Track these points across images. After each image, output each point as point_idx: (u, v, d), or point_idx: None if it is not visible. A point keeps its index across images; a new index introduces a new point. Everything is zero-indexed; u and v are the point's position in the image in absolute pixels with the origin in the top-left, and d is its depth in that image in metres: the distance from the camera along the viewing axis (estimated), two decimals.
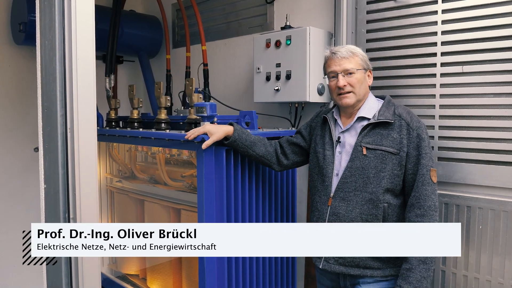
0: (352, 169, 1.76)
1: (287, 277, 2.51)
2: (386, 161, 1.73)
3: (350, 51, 1.81)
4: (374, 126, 1.77)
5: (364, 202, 1.74)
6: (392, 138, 1.74)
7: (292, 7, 2.79)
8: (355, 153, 1.77)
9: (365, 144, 1.75)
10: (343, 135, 1.85)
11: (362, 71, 1.81)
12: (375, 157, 1.73)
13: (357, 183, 1.75)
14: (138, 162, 3.04)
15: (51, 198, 1.49)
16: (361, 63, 1.81)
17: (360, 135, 1.78)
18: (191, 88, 2.35)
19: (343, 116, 1.90)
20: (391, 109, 1.79)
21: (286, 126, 2.78)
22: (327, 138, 1.89)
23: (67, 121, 1.45)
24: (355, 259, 1.75)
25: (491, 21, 2.01)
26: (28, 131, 3.18)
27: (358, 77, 1.80)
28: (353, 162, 1.76)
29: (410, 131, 1.73)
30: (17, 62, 3.17)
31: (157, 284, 2.84)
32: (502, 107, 2.01)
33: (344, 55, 1.80)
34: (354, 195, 1.75)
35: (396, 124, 1.75)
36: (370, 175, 1.73)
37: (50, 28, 1.43)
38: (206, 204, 2.08)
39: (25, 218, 3.20)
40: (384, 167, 1.73)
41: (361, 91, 1.82)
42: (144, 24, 3.62)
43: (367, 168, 1.74)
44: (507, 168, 2.00)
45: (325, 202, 1.83)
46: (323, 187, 1.85)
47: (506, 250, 1.99)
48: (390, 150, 1.72)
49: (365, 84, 1.83)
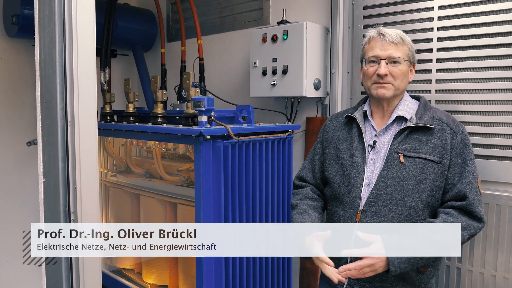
0: (387, 179, 1.52)
1: (283, 270, 2.53)
2: (427, 170, 1.51)
3: (400, 36, 1.59)
4: (412, 131, 1.55)
5: (401, 219, 1.50)
6: (432, 145, 1.52)
7: (289, 2, 2.79)
8: (390, 160, 1.53)
9: (401, 151, 1.53)
10: (378, 138, 1.60)
11: (408, 63, 1.59)
12: (414, 166, 1.51)
13: (393, 196, 1.51)
14: (133, 156, 3.03)
15: (51, 192, 1.48)
16: (409, 54, 1.59)
17: (396, 140, 1.55)
18: (188, 82, 2.34)
19: (375, 115, 1.67)
20: (429, 112, 1.59)
21: (282, 121, 2.79)
22: (355, 142, 1.63)
23: (68, 114, 1.44)
24: (383, 285, 1.53)
25: (487, 18, 2.03)
26: (22, 125, 3.15)
27: (403, 69, 1.57)
28: (389, 172, 1.52)
29: (453, 136, 1.53)
30: (9, 55, 3.12)
31: (153, 279, 2.84)
32: (497, 103, 2.04)
33: (394, 40, 1.57)
34: (390, 209, 1.51)
35: (437, 129, 1.54)
36: (409, 187, 1.50)
37: (49, 20, 1.41)
38: (204, 198, 2.08)
39: (20, 213, 3.18)
40: (424, 178, 1.50)
41: (402, 85, 1.60)
42: (139, 17, 3.59)
43: (405, 178, 1.50)
44: (502, 163, 2.04)
45: (351, 217, 1.56)
46: (349, 199, 1.58)
47: (498, 244, 2.03)
48: (431, 158, 1.51)
49: (407, 79, 1.62)
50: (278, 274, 2.50)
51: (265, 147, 2.35)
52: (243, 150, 2.21)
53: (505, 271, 2.02)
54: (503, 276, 2.03)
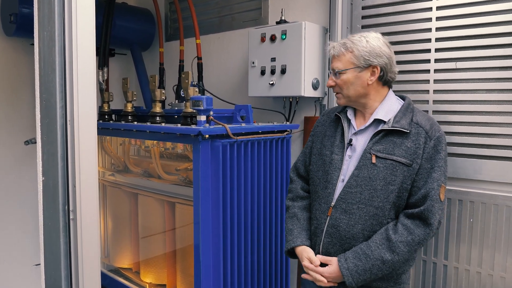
0: (358, 178, 1.59)
1: (281, 269, 2.54)
2: (396, 172, 1.55)
3: (344, 46, 1.63)
4: (388, 133, 1.60)
5: (368, 217, 1.58)
6: (406, 148, 1.56)
7: (287, 1, 2.79)
8: (363, 160, 1.59)
9: (375, 151, 1.58)
10: (355, 137, 1.67)
11: (355, 70, 1.61)
12: (385, 167, 1.56)
13: (362, 194, 1.58)
14: (131, 155, 3.03)
15: (50, 191, 1.48)
16: (355, 61, 1.61)
17: (371, 141, 1.61)
18: (187, 82, 2.34)
19: (358, 117, 1.72)
20: (408, 116, 1.61)
21: (281, 121, 2.80)
22: (337, 140, 1.70)
23: (67, 113, 1.44)
24: None
25: (485, 19, 2.04)
26: (20, 124, 3.15)
27: (345, 78, 1.63)
28: (360, 171, 1.59)
29: (427, 141, 1.56)
30: (7, 54, 3.12)
31: (151, 278, 2.84)
32: (494, 103, 2.05)
33: (335, 52, 1.65)
34: (358, 208, 1.59)
35: (413, 132, 1.57)
36: (378, 187, 1.56)
37: (49, 19, 1.41)
38: (202, 198, 2.09)
39: (19, 212, 3.17)
40: (394, 180, 1.55)
41: (351, 92, 1.64)
42: (137, 16, 3.59)
43: (375, 179, 1.56)
44: (498, 163, 2.05)
45: (324, 211, 1.67)
46: (324, 194, 1.68)
47: (496, 243, 2.04)
48: (402, 160, 1.55)
49: (359, 84, 1.63)
50: (276, 273, 2.51)
51: (264, 146, 2.35)
52: (242, 150, 2.21)
53: (502, 270, 2.04)
54: (500, 275, 2.04)
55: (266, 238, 2.41)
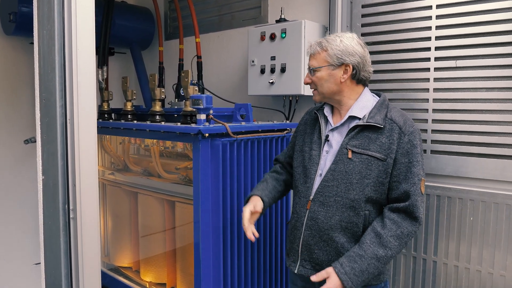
0: (335, 172, 1.65)
1: (281, 268, 2.54)
2: (371, 167, 1.61)
3: (319, 45, 1.69)
4: (362, 129, 1.65)
5: (345, 209, 1.64)
6: (380, 143, 1.61)
7: (287, 0, 2.79)
8: (340, 155, 1.65)
9: (351, 147, 1.63)
10: (332, 133, 1.72)
11: (329, 67, 1.67)
12: (361, 162, 1.61)
13: (338, 188, 1.64)
14: (131, 154, 3.03)
15: (50, 190, 1.48)
16: (329, 59, 1.66)
17: (347, 136, 1.66)
18: (187, 80, 2.34)
19: (335, 114, 1.78)
20: (383, 112, 1.66)
21: (280, 119, 2.80)
22: (315, 136, 1.77)
23: (67, 112, 1.43)
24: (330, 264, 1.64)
25: (485, 17, 2.04)
26: (20, 123, 3.14)
27: (319, 75, 1.68)
28: (337, 165, 1.65)
29: (401, 136, 1.61)
30: (6, 53, 3.11)
31: (151, 277, 2.84)
32: (495, 101, 2.05)
33: (312, 51, 1.72)
34: (335, 201, 1.65)
35: (387, 128, 1.62)
36: (353, 180, 1.62)
37: (49, 18, 1.41)
38: (202, 196, 2.08)
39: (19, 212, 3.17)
40: (369, 174, 1.61)
41: (325, 89, 1.70)
42: (136, 15, 3.59)
43: (350, 173, 1.62)
44: (498, 161, 2.05)
45: (304, 204, 1.73)
46: (304, 188, 1.74)
47: (496, 241, 2.04)
48: (377, 155, 1.60)
49: (332, 81, 1.68)
50: (276, 271, 2.51)
51: (264, 145, 2.35)
52: (242, 148, 2.21)
53: (502, 268, 2.04)
54: (500, 273, 2.05)
55: (266, 237, 2.41)
